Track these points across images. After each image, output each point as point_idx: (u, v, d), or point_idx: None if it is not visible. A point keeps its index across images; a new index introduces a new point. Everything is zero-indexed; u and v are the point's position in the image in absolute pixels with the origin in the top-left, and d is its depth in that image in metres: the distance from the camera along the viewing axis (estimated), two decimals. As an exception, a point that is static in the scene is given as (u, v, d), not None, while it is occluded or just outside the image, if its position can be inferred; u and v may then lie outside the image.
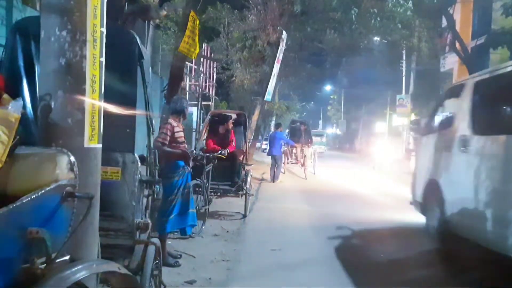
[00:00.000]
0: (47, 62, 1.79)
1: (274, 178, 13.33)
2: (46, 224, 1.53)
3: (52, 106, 1.78)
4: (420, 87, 32.62)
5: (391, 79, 35.29)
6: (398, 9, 14.86)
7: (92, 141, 1.85)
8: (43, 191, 1.52)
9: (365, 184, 13.40)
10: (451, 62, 27.19)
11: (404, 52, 26.06)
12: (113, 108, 2.43)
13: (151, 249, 2.57)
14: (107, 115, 2.27)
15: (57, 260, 1.56)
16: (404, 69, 31.61)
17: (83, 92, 1.82)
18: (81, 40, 1.82)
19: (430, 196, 5.55)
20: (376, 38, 18.68)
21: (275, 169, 13.31)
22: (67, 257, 1.62)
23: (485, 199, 4.26)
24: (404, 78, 32.26)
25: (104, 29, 1.92)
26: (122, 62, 2.57)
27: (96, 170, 1.89)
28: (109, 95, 2.39)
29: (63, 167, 1.65)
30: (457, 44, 21.18)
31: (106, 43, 2.03)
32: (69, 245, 1.65)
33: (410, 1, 15.09)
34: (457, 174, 4.89)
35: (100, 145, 1.91)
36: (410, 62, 31.13)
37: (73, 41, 1.80)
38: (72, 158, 1.69)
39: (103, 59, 1.92)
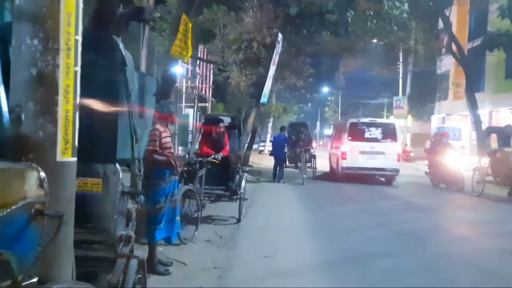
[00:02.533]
0: (18, 72, 1.71)
1: (277, 178, 13.99)
2: (12, 245, 1.45)
3: (23, 118, 1.69)
4: (417, 89, 32.69)
5: (388, 80, 35.34)
6: (394, 11, 14.82)
7: (66, 155, 1.76)
8: (9, 210, 1.43)
9: (364, 190, 13.30)
10: (447, 64, 27.23)
11: (400, 54, 26.07)
12: (94, 118, 2.35)
13: (133, 263, 2.48)
14: (88, 125, 2.19)
15: (24, 283, 1.47)
16: (401, 71, 31.63)
17: (55, 103, 1.73)
18: (53, 48, 1.73)
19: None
20: (373, 40, 18.63)
21: (277, 170, 14.04)
22: (35, 280, 1.54)
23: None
24: (401, 80, 32.29)
25: (79, 37, 1.83)
26: (104, 70, 2.49)
27: (70, 185, 1.80)
28: (89, 104, 2.32)
29: (32, 183, 1.57)
30: (454, 46, 21.20)
31: (86, 50, 1.94)
32: (39, 266, 1.56)
33: (406, 3, 15.05)
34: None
35: (74, 159, 1.82)
36: (407, 64, 31.19)
37: (45, 50, 1.72)
38: (42, 174, 1.60)
39: (78, 68, 1.83)
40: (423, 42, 21.16)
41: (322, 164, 17.01)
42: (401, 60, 29.01)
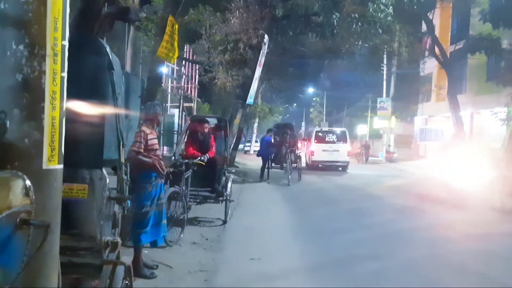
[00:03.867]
0: (3, 78, 1.67)
1: (262, 177, 14.54)
2: (-3, 255, 1.41)
3: (8, 125, 1.65)
4: (400, 91, 33.12)
5: (372, 82, 35.73)
6: (379, 14, 14.98)
7: (52, 162, 1.73)
8: (-7, 219, 1.40)
9: (350, 191, 13.41)
10: (430, 66, 27.63)
11: (385, 56, 26.37)
12: (80, 122, 2.32)
13: (120, 270, 2.46)
14: (74, 130, 2.16)
15: (9, 294, 1.44)
16: (385, 73, 31.98)
17: (41, 110, 1.70)
18: (40, 54, 1.70)
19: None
20: (358, 43, 18.81)
21: (264, 170, 14.61)
22: (20, 291, 1.51)
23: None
24: (385, 82, 32.65)
25: (66, 43, 1.80)
26: (90, 73, 2.46)
27: (56, 193, 1.77)
28: (75, 109, 2.28)
29: (17, 192, 1.53)
30: (436, 49, 21.53)
31: (72, 53, 1.91)
32: (24, 276, 1.53)
33: (391, 7, 15.22)
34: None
35: (61, 166, 1.79)
36: (391, 66, 31.59)
37: (31, 55, 1.68)
38: (28, 182, 1.57)
39: (65, 74, 1.80)
40: (407, 45, 21.44)
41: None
42: (385, 62, 29.32)
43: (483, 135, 25.07)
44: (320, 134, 20.75)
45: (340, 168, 19.94)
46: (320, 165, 19.99)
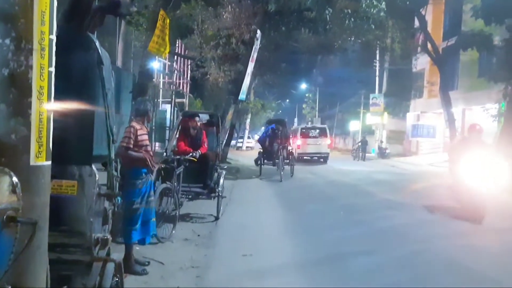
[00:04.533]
0: (-12, 73, 1.64)
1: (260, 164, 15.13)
2: (-17, 253, 1.39)
3: (-6, 121, 1.63)
4: (393, 87, 33.24)
5: (365, 78, 35.81)
6: (372, 10, 14.99)
7: (39, 159, 1.70)
8: (-21, 217, 1.38)
9: (342, 188, 13.44)
10: (422, 62, 27.75)
11: (377, 52, 26.44)
12: (69, 118, 2.29)
13: (110, 267, 2.43)
14: (63, 126, 2.13)
15: (-5, 293, 1.42)
16: (377, 68, 32.07)
17: (29, 106, 1.67)
18: (26, 49, 1.66)
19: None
20: (350, 39, 18.82)
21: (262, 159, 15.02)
22: (7, 289, 1.48)
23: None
24: (377, 78, 32.74)
25: (53, 37, 1.77)
26: (79, 68, 2.42)
27: (44, 190, 1.74)
28: (64, 104, 2.25)
29: (4, 189, 1.51)
30: (429, 45, 21.61)
31: (61, 48, 1.88)
32: (12, 274, 1.51)
33: (384, 2, 15.24)
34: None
35: (48, 163, 1.76)
36: (383, 62, 31.65)
37: (18, 50, 1.65)
38: (15, 179, 1.54)
39: (52, 69, 1.77)
40: (399, 41, 21.49)
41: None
42: (378, 58, 29.41)
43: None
44: (304, 130, 24.30)
45: (322, 160, 23.21)
46: (305, 157, 23.17)
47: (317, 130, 24.02)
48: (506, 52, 17.48)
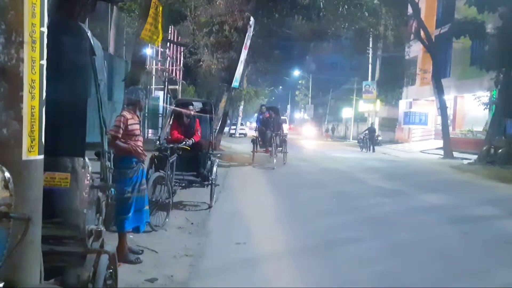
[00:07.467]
0: (-22, 66, 1.61)
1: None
2: (-24, 249, 1.39)
3: (-15, 115, 1.61)
4: (385, 74, 33.25)
5: (358, 65, 35.77)
6: (366, -3, 14.90)
7: (32, 153, 1.69)
8: (-29, 213, 1.37)
9: (335, 175, 13.50)
10: (415, 50, 27.74)
11: (370, 39, 26.37)
12: (61, 110, 2.26)
13: (104, 258, 2.44)
14: (55, 117, 2.11)
15: (-11, 288, 1.42)
16: (370, 56, 32.01)
17: (20, 99, 1.65)
18: (17, 41, 1.64)
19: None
20: (344, 26, 18.72)
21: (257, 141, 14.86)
22: (0, 284, 1.48)
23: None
24: (370, 65, 32.71)
25: (45, 29, 1.74)
26: (71, 59, 2.39)
27: (37, 184, 1.73)
28: (56, 96, 2.22)
29: (-4, 184, 1.50)
30: (422, 33, 21.57)
31: (52, 38, 1.85)
32: (5, 269, 1.51)
33: (377, -11, 15.14)
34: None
35: (41, 157, 1.75)
36: (377, 50, 31.59)
37: (8, 42, 1.63)
38: (7, 174, 1.53)
39: (44, 62, 1.74)
40: (392, 28, 21.43)
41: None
42: (371, 45, 29.34)
43: (465, 119, 25.45)
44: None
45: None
46: None
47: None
48: (499, 40, 17.53)
